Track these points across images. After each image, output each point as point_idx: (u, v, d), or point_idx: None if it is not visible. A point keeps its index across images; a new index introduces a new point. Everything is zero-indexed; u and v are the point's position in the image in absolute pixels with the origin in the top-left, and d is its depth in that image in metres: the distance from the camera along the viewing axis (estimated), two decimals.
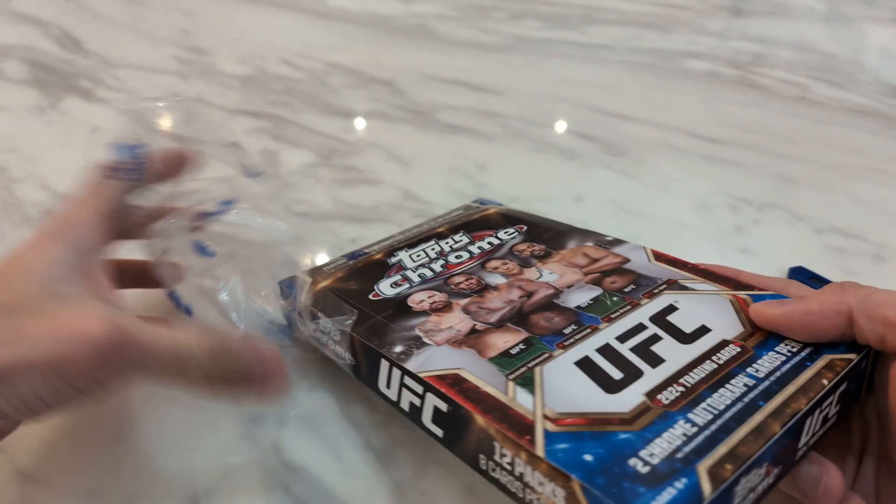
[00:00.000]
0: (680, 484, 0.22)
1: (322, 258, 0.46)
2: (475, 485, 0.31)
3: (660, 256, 0.37)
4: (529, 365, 0.29)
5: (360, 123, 0.66)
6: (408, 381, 0.30)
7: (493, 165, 0.58)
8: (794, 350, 0.29)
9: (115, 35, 0.87)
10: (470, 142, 0.62)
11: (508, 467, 0.26)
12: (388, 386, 0.31)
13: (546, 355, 0.30)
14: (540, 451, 0.25)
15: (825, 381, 0.27)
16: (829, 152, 0.62)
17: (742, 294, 0.32)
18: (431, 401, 0.29)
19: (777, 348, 0.29)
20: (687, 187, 0.56)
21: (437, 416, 0.29)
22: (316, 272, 0.40)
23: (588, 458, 0.24)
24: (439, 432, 0.29)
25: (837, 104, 0.72)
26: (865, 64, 0.84)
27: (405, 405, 0.31)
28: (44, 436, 0.33)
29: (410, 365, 0.30)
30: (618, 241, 0.39)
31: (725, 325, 0.31)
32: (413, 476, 0.32)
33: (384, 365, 0.31)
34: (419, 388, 0.29)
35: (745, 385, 0.27)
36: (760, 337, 0.30)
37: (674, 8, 1.02)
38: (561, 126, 0.66)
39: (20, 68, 0.76)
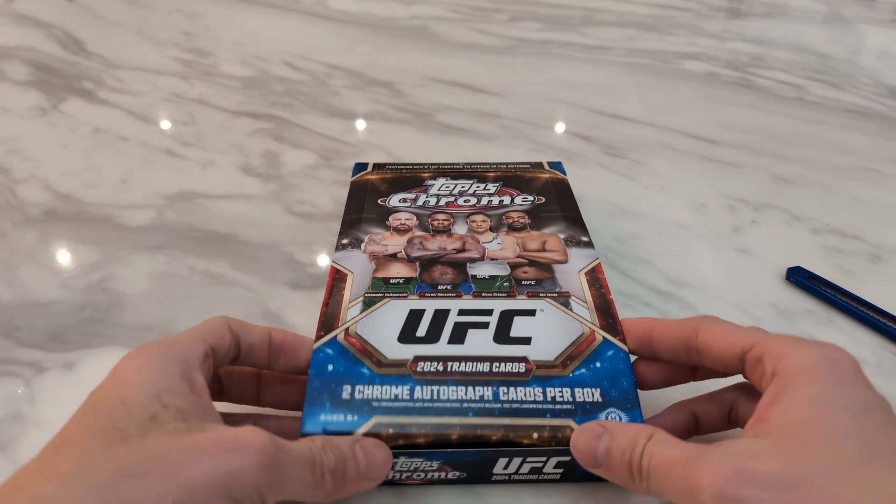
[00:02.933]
0: (351, 418, 0.27)
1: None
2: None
3: (594, 277, 0.36)
4: (386, 294, 0.34)
5: (360, 124, 0.66)
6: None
7: None
8: (564, 401, 0.28)
9: (118, 37, 0.87)
10: (470, 143, 0.63)
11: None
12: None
13: (404, 295, 0.34)
14: (316, 344, 0.31)
15: (539, 437, 0.27)
16: (827, 153, 0.62)
17: (600, 332, 0.31)
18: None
19: (560, 389, 0.28)
20: (685, 188, 0.56)
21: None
22: (379, 166, 0.48)
23: (330, 367, 0.29)
24: None
25: (835, 105, 0.72)
26: (863, 65, 0.84)
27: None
28: (44, 436, 0.33)
29: (336, 254, 0.38)
30: (589, 245, 0.38)
31: (550, 345, 0.31)
32: None
33: (338, 243, 0.39)
34: (329, 269, 0.37)
35: (485, 397, 0.28)
36: (562, 371, 0.29)
37: (672, 9, 1.03)
38: (560, 127, 0.67)
39: (23, 69, 0.76)
